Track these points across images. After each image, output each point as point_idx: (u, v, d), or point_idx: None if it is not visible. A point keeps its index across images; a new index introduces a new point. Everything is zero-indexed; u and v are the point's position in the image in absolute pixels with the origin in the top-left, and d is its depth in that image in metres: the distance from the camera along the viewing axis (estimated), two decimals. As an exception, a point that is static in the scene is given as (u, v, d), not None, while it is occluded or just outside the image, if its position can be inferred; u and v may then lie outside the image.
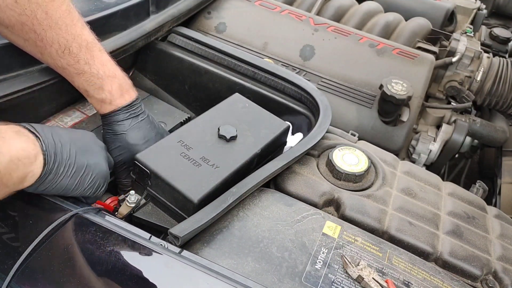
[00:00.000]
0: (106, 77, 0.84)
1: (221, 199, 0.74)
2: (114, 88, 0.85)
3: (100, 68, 0.84)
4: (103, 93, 0.84)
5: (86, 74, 0.83)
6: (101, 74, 0.84)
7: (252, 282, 0.64)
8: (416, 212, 0.86)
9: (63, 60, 0.81)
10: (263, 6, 1.40)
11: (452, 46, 1.40)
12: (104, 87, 0.84)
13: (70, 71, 0.82)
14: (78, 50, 0.81)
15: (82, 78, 0.83)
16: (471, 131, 1.34)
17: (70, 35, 0.80)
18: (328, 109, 1.01)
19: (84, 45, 0.82)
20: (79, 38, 0.81)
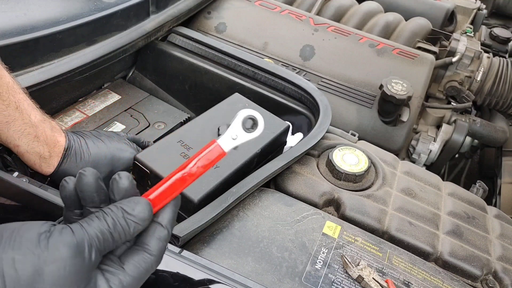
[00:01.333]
0: (38, 123, 0.70)
1: (221, 199, 0.74)
2: (48, 136, 0.71)
3: (31, 113, 0.69)
4: (39, 144, 0.70)
5: (17, 122, 0.67)
6: (33, 119, 0.69)
7: (252, 282, 0.64)
8: (416, 212, 0.86)
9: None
10: (263, 6, 1.40)
11: (452, 46, 1.40)
12: (39, 136, 0.70)
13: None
14: (7, 92, 0.66)
15: (13, 128, 0.67)
16: (471, 131, 1.34)
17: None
18: (328, 109, 1.01)
19: (10, 86, 0.67)
20: (5, 79, 0.67)
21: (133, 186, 0.47)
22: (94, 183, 0.45)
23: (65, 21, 0.95)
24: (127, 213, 0.44)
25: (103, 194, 0.46)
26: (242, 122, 0.49)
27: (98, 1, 1.05)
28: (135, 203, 0.45)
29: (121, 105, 1.10)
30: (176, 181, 0.47)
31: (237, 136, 0.49)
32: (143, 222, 0.45)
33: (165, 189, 0.47)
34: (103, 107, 1.07)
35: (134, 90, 1.16)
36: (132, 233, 0.44)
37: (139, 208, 0.44)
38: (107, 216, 0.43)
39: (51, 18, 0.95)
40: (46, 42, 0.91)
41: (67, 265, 0.39)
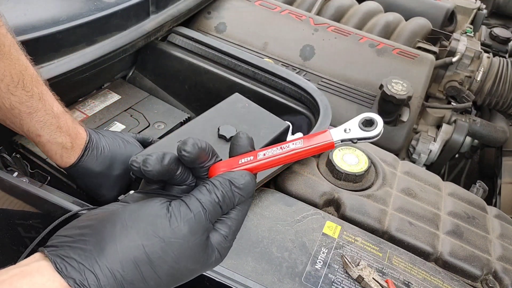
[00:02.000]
0: (60, 114, 0.70)
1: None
2: (70, 127, 0.71)
3: (53, 104, 0.70)
4: (62, 135, 0.70)
5: (40, 113, 0.68)
6: (55, 111, 0.69)
7: (252, 282, 0.64)
8: (416, 212, 0.86)
9: (14, 97, 0.65)
10: (263, 6, 1.40)
11: (452, 46, 1.40)
12: (61, 127, 0.70)
13: (20, 111, 0.67)
14: (31, 83, 0.67)
15: (35, 118, 0.68)
16: (471, 131, 1.34)
17: (22, 66, 0.66)
18: (328, 109, 1.01)
19: (35, 77, 0.68)
20: (29, 70, 0.67)
21: (251, 142, 0.51)
22: (197, 152, 0.47)
23: (65, 21, 0.95)
24: (235, 186, 0.47)
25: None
26: (360, 120, 0.48)
27: (98, 1, 1.05)
28: (241, 176, 0.48)
29: (121, 105, 1.09)
30: (277, 156, 0.49)
31: (350, 130, 0.48)
32: (248, 195, 0.48)
33: (266, 163, 0.49)
34: (103, 107, 1.07)
35: (134, 90, 1.16)
36: (236, 204, 0.48)
37: (246, 182, 0.47)
38: (217, 189, 0.46)
39: (51, 18, 0.95)
40: (46, 42, 0.91)
41: (189, 240, 0.44)
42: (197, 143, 0.47)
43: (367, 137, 0.47)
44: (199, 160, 0.48)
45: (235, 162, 0.49)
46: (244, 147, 0.51)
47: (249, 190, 0.48)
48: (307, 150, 0.48)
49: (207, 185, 0.47)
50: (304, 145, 0.48)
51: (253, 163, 0.49)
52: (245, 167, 0.49)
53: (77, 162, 0.73)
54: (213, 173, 0.48)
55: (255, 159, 0.49)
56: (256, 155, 0.49)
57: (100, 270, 0.42)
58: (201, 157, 0.48)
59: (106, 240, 0.43)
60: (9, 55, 0.64)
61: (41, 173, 0.91)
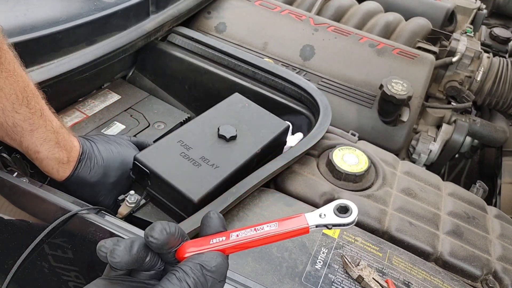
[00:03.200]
0: (58, 129, 0.70)
1: (221, 199, 0.74)
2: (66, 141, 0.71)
3: (52, 119, 0.69)
4: (60, 150, 0.70)
5: (40, 129, 0.67)
6: (54, 126, 0.69)
7: (252, 282, 0.64)
8: (416, 212, 0.86)
9: (19, 115, 0.65)
10: (263, 6, 1.40)
11: (452, 46, 1.40)
12: (59, 142, 0.70)
13: (22, 128, 0.66)
14: (33, 100, 0.66)
15: (36, 135, 0.67)
16: (471, 131, 1.34)
17: (25, 82, 0.65)
18: (328, 109, 1.01)
19: (35, 93, 0.67)
20: (30, 86, 0.67)
21: (222, 223, 0.49)
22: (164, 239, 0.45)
23: (65, 21, 0.95)
24: (206, 270, 0.44)
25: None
26: (335, 206, 0.48)
27: (98, 1, 1.05)
28: (213, 258, 0.45)
29: (121, 105, 1.09)
30: (251, 238, 0.47)
31: (325, 215, 0.48)
32: (220, 277, 0.45)
33: (239, 244, 0.47)
34: (103, 107, 1.07)
35: (134, 90, 1.16)
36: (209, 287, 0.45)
37: (218, 264, 0.45)
38: (187, 276, 0.43)
39: (51, 18, 0.95)
40: (46, 42, 0.91)
41: None
42: (165, 228, 0.45)
43: (341, 224, 0.47)
44: (167, 246, 0.45)
45: (206, 242, 0.47)
46: (215, 228, 0.48)
47: (222, 272, 0.46)
48: (282, 234, 0.47)
49: (177, 273, 0.44)
50: (278, 229, 0.47)
51: (225, 244, 0.47)
52: (216, 248, 0.47)
53: (71, 175, 0.73)
54: (182, 253, 0.47)
55: (227, 239, 0.47)
56: (229, 235, 0.47)
57: None
58: (170, 242, 0.45)
59: None
60: (13, 72, 0.63)
61: (41, 173, 0.91)
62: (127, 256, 0.43)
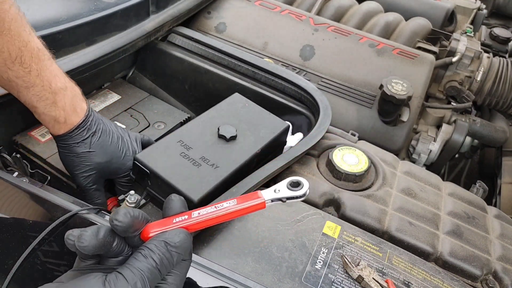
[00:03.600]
0: (58, 91, 0.72)
1: (221, 199, 0.74)
2: (67, 103, 0.73)
3: (52, 80, 0.72)
4: (56, 109, 0.72)
5: (36, 88, 0.70)
6: (53, 87, 0.72)
7: (252, 282, 0.64)
8: (416, 212, 0.86)
9: (11, 72, 0.68)
10: (263, 6, 1.40)
11: (452, 46, 1.40)
12: (57, 102, 0.72)
13: (17, 84, 0.69)
14: (30, 59, 0.69)
15: (32, 92, 0.70)
16: (471, 131, 1.34)
17: (22, 42, 0.68)
18: (328, 109, 1.01)
19: (35, 53, 0.70)
20: (30, 46, 0.69)
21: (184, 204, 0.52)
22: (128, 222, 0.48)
23: (65, 21, 0.95)
24: (170, 246, 0.46)
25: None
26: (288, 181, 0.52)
27: (98, 1, 1.05)
28: (176, 234, 0.47)
29: (121, 105, 1.09)
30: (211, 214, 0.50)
31: (279, 190, 0.51)
32: (185, 251, 0.48)
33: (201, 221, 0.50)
34: (103, 107, 1.07)
35: (134, 90, 1.16)
36: (175, 263, 0.47)
37: (181, 240, 0.47)
38: (153, 253, 0.46)
39: (51, 18, 0.95)
40: (46, 42, 0.91)
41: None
42: (129, 212, 0.47)
43: (294, 196, 0.52)
44: (132, 229, 0.48)
45: (169, 222, 0.49)
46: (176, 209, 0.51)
47: (186, 247, 0.48)
48: (240, 210, 0.50)
49: (142, 251, 0.46)
50: (237, 205, 0.50)
51: (187, 222, 0.49)
52: (179, 226, 0.49)
53: (64, 134, 0.75)
54: (146, 234, 0.48)
55: (190, 218, 0.50)
56: (191, 214, 0.50)
57: None
58: (134, 225, 0.48)
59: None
60: (8, 31, 0.66)
61: (41, 173, 0.91)
62: (94, 240, 0.45)
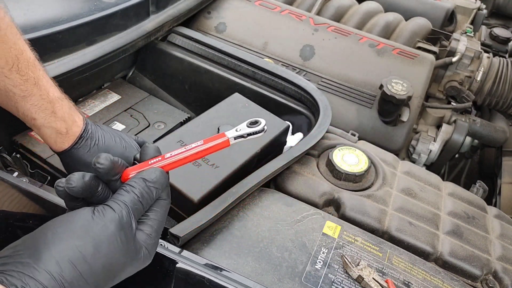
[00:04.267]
0: (56, 100, 0.71)
1: (221, 199, 0.74)
2: (66, 113, 0.71)
3: (49, 89, 0.70)
4: (57, 120, 0.70)
5: (34, 97, 0.68)
6: (51, 96, 0.70)
7: (252, 282, 0.64)
8: (416, 212, 0.86)
9: (9, 80, 0.66)
10: (263, 6, 1.40)
11: (452, 46, 1.40)
12: (56, 112, 0.70)
13: (14, 94, 0.68)
14: (26, 67, 0.68)
15: (30, 102, 0.68)
16: (471, 131, 1.34)
17: (18, 50, 0.67)
18: (328, 109, 1.01)
19: (31, 62, 0.69)
20: (25, 54, 0.68)
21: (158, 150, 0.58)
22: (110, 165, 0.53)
23: (65, 21, 0.95)
24: (148, 181, 0.53)
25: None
26: (247, 122, 0.59)
27: (98, 1, 1.05)
28: (152, 172, 0.54)
29: (121, 105, 1.09)
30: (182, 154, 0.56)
31: (240, 129, 0.58)
32: (162, 186, 0.54)
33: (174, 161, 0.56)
34: (103, 107, 1.07)
35: (134, 90, 1.16)
36: (155, 197, 0.54)
37: (157, 176, 0.53)
38: (134, 188, 0.52)
39: (51, 18, 0.95)
40: (46, 42, 0.91)
41: (117, 236, 0.49)
42: (109, 156, 0.53)
43: (253, 132, 0.58)
44: (113, 171, 0.54)
45: (145, 164, 0.56)
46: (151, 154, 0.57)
47: (162, 183, 0.54)
48: (208, 148, 0.57)
49: (124, 187, 0.52)
50: (204, 145, 0.57)
51: (161, 162, 0.56)
52: (154, 166, 0.56)
53: (70, 148, 0.73)
54: (125, 176, 0.55)
55: (164, 159, 0.56)
56: (164, 156, 0.56)
57: (39, 274, 0.44)
58: (115, 167, 0.54)
59: (40, 248, 0.46)
60: (4, 38, 0.65)
61: (41, 173, 0.91)
62: (81, 182, 0.51)
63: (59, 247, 0.47)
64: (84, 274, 0.47)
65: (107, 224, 0.49)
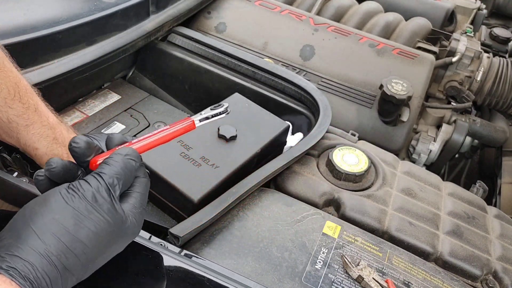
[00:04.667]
0: (56, 125, 0.70)
1: (221, 199, 0.74)
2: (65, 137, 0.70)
3: (48, 115, 0.69)
4: (58, 147, 0.69)
5: (36, 125, 0.67)
6: (50, 121, 0.69)
7: (252, 282, 0.64)
8: (416, 212, 0.86)
9: (12, 110, 0.65)
10: (263, 6, 1.40)
11: (452, 46, 1.40)
12: (57, 138, 0.69)
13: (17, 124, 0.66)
14: (25, 95, 0.67)
15: (32, 131, 0.67)
16: (471, 131, 1.34)
17: (16, 78, 0.66)
18: (328, 109, 1.01)
19: (29, 89, 0.68)
20: (22, 82, 0.67)
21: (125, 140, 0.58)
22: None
23: (65, 21, 0.95)
24: (123, 155, 0.53)
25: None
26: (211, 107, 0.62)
27: (98, 1, 1.05)
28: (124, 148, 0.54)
29: (121, 105, 1.09)
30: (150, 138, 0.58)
31: (204, 112, 0.61)
32: (139, 159, 0.55)
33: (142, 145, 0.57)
34: (103, 107, 1.07)
35: (134, 90, 1.16)
36: (135, 169, 0.54)
37: (130, 150, 0.54)
38: (115, 161, 0.52)
39: (51, 18, 0.95)
40: (46, 42, 0.91)
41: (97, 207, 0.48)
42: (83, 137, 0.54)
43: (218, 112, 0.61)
44: (88, 152, 0.54)
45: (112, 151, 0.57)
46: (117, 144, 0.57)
47: (137, 155, 0.54)
48: (174, 132, 0.59)
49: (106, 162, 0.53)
50: (170, 128, 0.59)
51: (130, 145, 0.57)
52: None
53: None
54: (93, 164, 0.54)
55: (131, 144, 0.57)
56: (131, 142, 0.57)
57: (24, 252, 0.44)
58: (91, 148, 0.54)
59: (20, 228, 0.46)
60: (3, 67, 0.64)
61: (41, 173, 0.91)
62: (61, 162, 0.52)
63: (38, 223, 0.46)
64: (70, 246, 0.46)
65: (84, 195, 0.48)
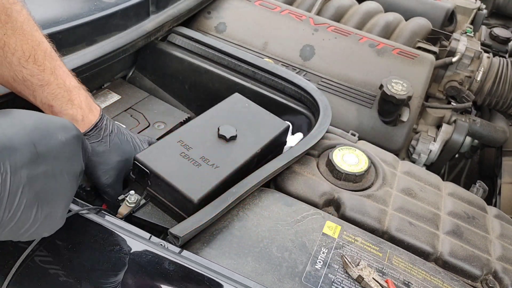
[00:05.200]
0: (73, 89, 0.74)
1: (221, 199, 0.74)
2: (83, 101, 0.75)
3: (66, 79, 0.74)
4: (73, 107, 0.74)
5: (51, 86, 0.72)
6: (67, 85, 0.74)
7: (252, 282, 0.64)
8: (416, 212, 0.86)
9: (26, 70, 0.70)
10: (263, 6, 1.40)
11: (452, 46, 1.40)
12: (73, 100, 0.74)
13: (32, 83, 0.71)
14: (43, 58, 0.71)
15: (47, 90, 0.72)
16: (471, 131, 1.34)
17: (35, 42, 0.70)
18: (328, 109, 1.01)
19: (48, 53, 0.73)
20: (43, 45, 0.72)
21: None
22: None
23: (65, 21, 0.95)
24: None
25: None
26: None
27: (98, 1, 1.05)
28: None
29: (121, 105, 1.09)
30: None
31: None
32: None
33: None
34: (103, 107, 1.07)
35: (134, 90, 1.16)
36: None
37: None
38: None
39: (51, 18, 0.95)
40: (46, 42, 0.91)
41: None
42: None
43: None
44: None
45: None
46: None
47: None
48: None
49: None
50: None
51: None
52: None
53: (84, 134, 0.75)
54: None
55: None
56: None
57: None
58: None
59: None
60: (21, 30, 0.68)
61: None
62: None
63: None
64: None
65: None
